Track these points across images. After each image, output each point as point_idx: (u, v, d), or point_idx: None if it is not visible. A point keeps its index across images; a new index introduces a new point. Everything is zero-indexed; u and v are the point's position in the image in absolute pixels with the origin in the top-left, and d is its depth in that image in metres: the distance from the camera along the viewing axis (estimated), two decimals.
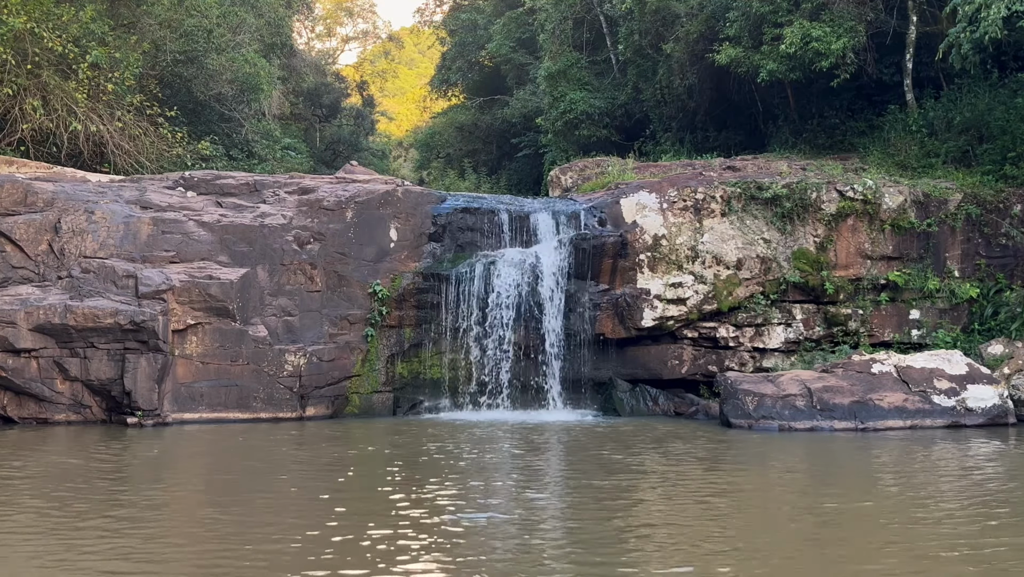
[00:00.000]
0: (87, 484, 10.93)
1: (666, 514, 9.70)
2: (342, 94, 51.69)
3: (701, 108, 27.92)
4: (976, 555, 7.96)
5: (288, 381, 17.21)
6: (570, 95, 31.58)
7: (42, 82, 21.50)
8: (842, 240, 19.34)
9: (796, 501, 10.47)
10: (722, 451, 14.02)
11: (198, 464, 13.02)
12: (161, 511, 9.62)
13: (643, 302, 18.48)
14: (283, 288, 17.71)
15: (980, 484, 11.22)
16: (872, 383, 16.51)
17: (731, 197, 19.10)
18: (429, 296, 18.33)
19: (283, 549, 8.00)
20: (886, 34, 23.06)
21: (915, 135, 22.13)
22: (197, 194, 18.48)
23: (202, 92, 27.02)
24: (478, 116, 45.86)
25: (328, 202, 18.32)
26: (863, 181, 19.50)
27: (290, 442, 14.65)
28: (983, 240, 19.76)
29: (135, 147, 23.10)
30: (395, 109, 75.90)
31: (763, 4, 23.36)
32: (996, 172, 20.29)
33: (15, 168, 18.65)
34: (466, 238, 18.98)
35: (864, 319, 19.26)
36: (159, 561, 7.67)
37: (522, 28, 40.55)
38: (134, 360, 16.01)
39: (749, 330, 19.03)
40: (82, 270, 16.47)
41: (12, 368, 15.84)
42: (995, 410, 16.38)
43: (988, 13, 18.25)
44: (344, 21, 72.35)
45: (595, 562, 7.69)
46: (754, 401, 16.24)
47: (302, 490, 10.86)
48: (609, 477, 11.59)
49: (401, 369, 18.51)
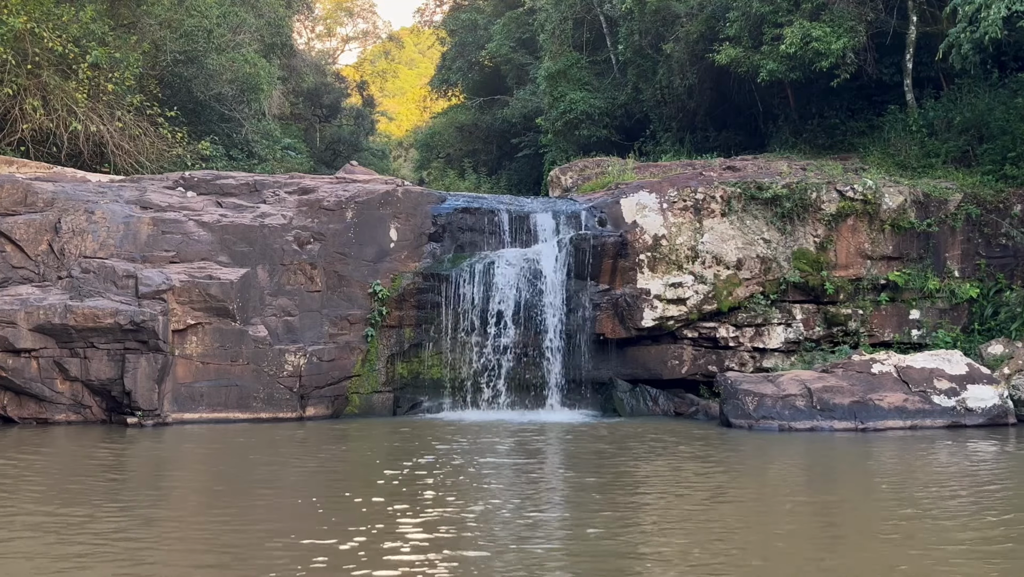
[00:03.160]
0: (87, 484, 10.93)
1: (666, 514, 9.70)
2: (342, 94, 51.70)
3: (701, 108, 27.93)
4: (976, 555, 7.97)
5: (288, 381, 17.21)
6: (570, 95, 31.58)
7: (42, 82, 21.51)
8: (842, 240, 19.34)
9: (796, 501, 10.47)
10: (722, 451, 14.02)
11: (198, 464, 13.02)
12: (161, 511, 9.62)
13: (643, 302, 18.49)
14: (283, 288, 17.71)
15: (980, 484, 11.22)
16: (872, 383, 16.51)
17: (731, 197, 19.10)
18: (429, 296, 18.34)
19: (283, 549, 8.00)
20: (886, 34, 23.07)
21: (915, 135, 22.13)
22: (197, 194, 18.49)
23: (202, 92, 27.03)
24: (478, 116, 45.85)
25: (328, 202, 18.33)
26: (863, 181, 19.50)
27: (290, 442, 14.65)
28: (983, 240, 19.76)
29: (135, 147, 23.11)
30: (395, 109, 75.91)
31: (763, 4, 23.36)
32: (996, 172, 20.30)
33: (15, 168, 18.65)
34: (466, 238, 18.98)
35: (864, 319, 19.26)
36: (159, 561, 7.67)
37: (522, 28, 40.56)
38: (134, 360, 16.02)
39: (749, 330, 19.03)
40: (82, 270, 16.47)
41: (12, 368, 15.84)
42: (995, 410, 16.38)
43: (988, 13, 18.26)
44: (344, 21, 72.43)
45: (594, 562, 7.69)
46: (754, 401, 16.25)
47: (302, 490, 10.86)
48: (609, 477, 11.59)
49: (401, 369, 18.51)
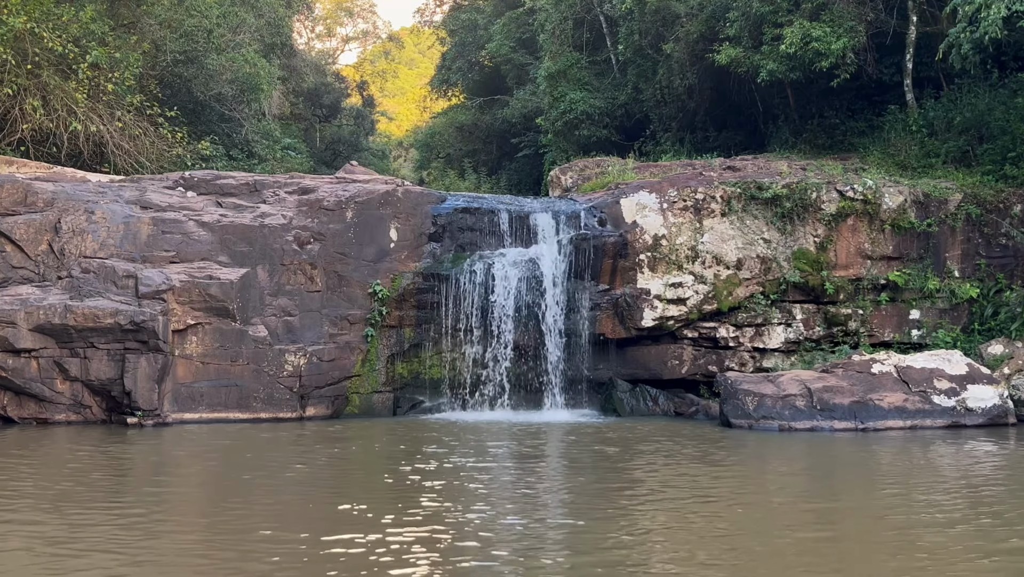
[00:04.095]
0: (87, 484, 10.93)
1: (665, 515, 9.70)
2: (342, 94, 51.69)
3: (701, 108, 27.93)
4: (977, 555, 7.97)
5: (288, 381, 17.22)
6: (570, 95, 31.58)
7: (42, 82, 21.50)
8: (842, 240, 19.34)
9: (796, 501, 10.47)
10: (722, 451, 14.02)
11: (198, 464, 13.01)
12: (161, 511, 9.62)
13: (643, 302, 18.49)
14: (283, 288, 17.72)
15: (980, 484, 11.22)
16: (872, 383, 16.51)
17: (731, 197, 19.10)
18: (429, 296, 18.33)
19: (283, 550, 8.00)
20: (886, 34, 23.07)
21: (915, 135, 22.13)
22: (197, 194, 18.49)
23: (202, 92, 27.03)
24: (478, 116, 45.85)
25: (328, 202, 18.33)
26: (863, 181, 19.51)
27: (290, 443, 14.65)
28: (983, 240, 19.76)
29: (135, 147, 23.10)
30: (395, 109, 75.91)
31: (763, 4, 23.36)
32: (996, 172, 20.30)
33: (15, 168, 18.65)
34: (466, 238, 18.98)
35: (864, 319, 19.26)
36: (159, 561, 7.67)
37: (522, 28, 40.55)
38: (134, 360, 16.02)
39: (749, 330, 19.03)
40: (82, 270, 16.47)
41: (12, 368, 15.85)
42: (995, 410, 16.38)
43: (988, 13, 18.25)
44: (344, 21, 72.40)
45: (594, 563, 7.69)
46: (754, 401, 16.25)
47: (302, 490, 10.86)
48: (608, 477, 11.59)
49: (401, 369, 18.51)
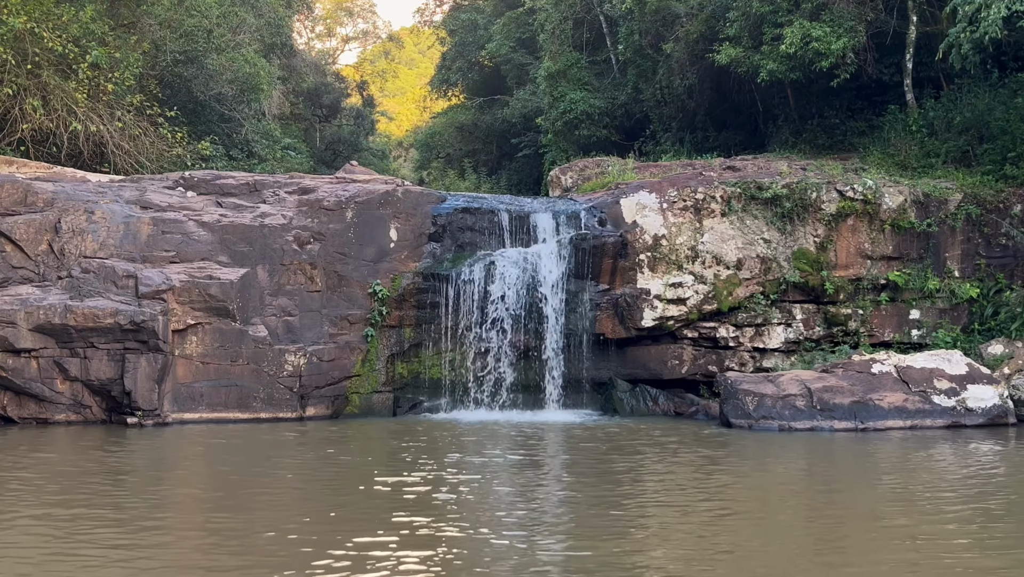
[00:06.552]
0: (87, 484, 10.93)
1: (665, 515, 9.70)
2: (342, 94, 51.65)
3: (701, 108, 27.93)
4: (977, 555, 7.97)
5: (288, 381, 17.21)
6: (570, 95, 31.58)
7: (42, 82, 21.49)
8: (842, 240, 19.34)
9: (796, 501, 10.47)
10: (722, 451, 14.02)
11: (198, 464, 13.02)
12: (161, 511, 9.62)
13: (643, 302, 18.49)
14: (283, 288, 17.71)
15: (980, 484, 11.22)
16: (872, 383, 16.51)
17: (731, 197, 19.10)
18: (429, 296, 18.33)
19: (283, 550, 8.00)
20: (886, 34, 23.06)
21: (915, 135, 22.12)
22: (197, 194, 18.48)
23: (202, 92, 27.02)
24: (478, 116, 45.86)
25: (328, 202, 18.32)
26: (863, 181, 19.50)
27: (290, 442, 14.65)
28: (983, 240, 19.76)
29: (135, 147, 23.09)
30: (395, 109, 75.87)
31: (763, 4, 23.36)
32: (996, 172, 20.29)
33: (15, 168, 18.64)
34: (466, 238, 18.97)
35: (864, 319, 19.26)
36: (159, 561, 7.67)
37: (522, 28, 40.57)
38: (134, 360, 16.02)
39: (749, 330, 19.03)
40: (82, 270, 16.46)
41: (12, 368, 15.84)
42: (995, 410, 16.38)
43: (988, 13, 18.25)
44: (344, 21, 72.35)
45: (594, 563, 7.69)
46: (754, 401, 16.25)
47: (302, 490, 10.86)
48: (608, 477, 11.59)
49: (401, 369, 18.50)
